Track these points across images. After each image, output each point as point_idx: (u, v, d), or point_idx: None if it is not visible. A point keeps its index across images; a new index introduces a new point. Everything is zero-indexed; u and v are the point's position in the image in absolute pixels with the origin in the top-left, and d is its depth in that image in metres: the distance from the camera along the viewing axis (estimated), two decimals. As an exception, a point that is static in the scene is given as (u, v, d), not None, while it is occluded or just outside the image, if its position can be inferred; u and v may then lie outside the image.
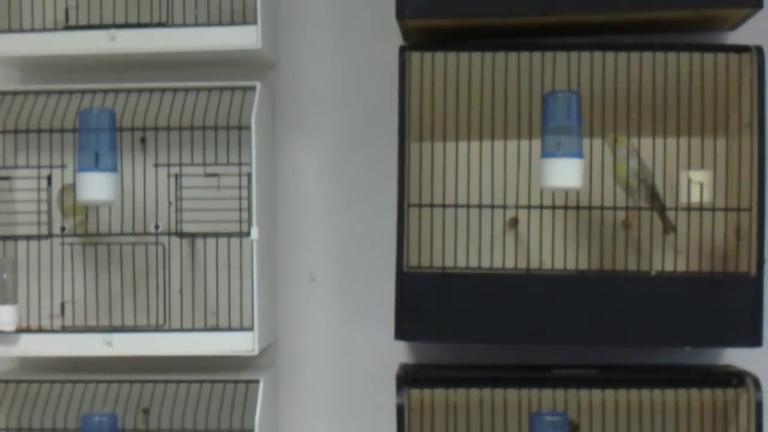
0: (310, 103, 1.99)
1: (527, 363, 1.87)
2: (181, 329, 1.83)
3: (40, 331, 1.83)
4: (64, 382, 1.85)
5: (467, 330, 1.74)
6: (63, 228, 1.85)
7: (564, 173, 1.69)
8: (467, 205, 1.79)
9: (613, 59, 1.74)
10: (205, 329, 1.83)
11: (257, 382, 1.82)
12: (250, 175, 1.79)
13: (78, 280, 1.91)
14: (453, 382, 1.78)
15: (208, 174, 1.83)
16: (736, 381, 1.75)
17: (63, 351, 1.82)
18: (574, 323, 1.72)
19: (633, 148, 1.79)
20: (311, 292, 2.00)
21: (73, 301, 1.90)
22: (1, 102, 1.85)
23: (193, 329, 1.83)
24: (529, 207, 1.78)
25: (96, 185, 1.76)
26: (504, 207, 1.79)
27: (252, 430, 1.79)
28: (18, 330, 1.81)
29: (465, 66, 1.77)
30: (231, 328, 1.83)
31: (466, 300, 1.74)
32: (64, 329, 1.84)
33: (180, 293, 1.91)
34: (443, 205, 1.80)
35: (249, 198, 1.79)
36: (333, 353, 1.99)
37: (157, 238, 1.85)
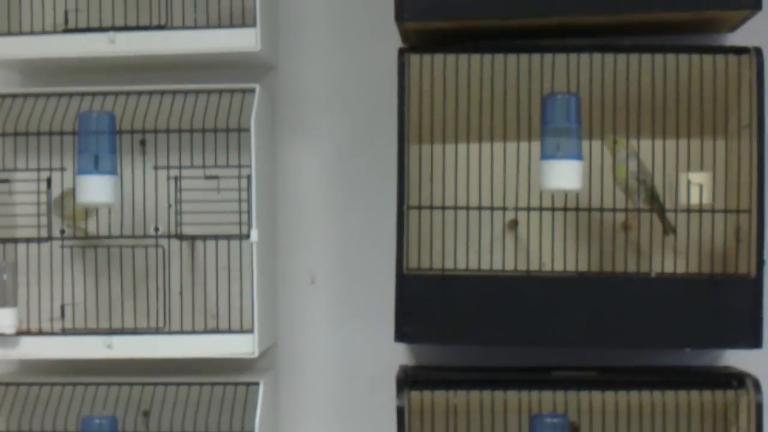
0: (309, 105, 1.99)
1: (527, 365, 1.87)
2: (181, 332, 1.83)
3: (40, 334, 1.83)
4: (64, 384, 1.85)
5: (467, 332, 1.74)
6: (63, 231, 1.85)
7: (563, 175, 1.69)
8: (467, 207, 1.79)
9: (613, 61, 1.74)
10: (205, 331, 1.83)
11: (257, 384, 1.82)
12: (249, 178, 1.79)
13: (78, 282, 1.91)
14: (453, 383, 1.78)
15: (207, 176, 1.82)
16: (736, 382, 1.75)
17: (63, 354, 1.81)
18: (573, 325, 1.72)
19: (632, 149, 1.79)
20: (311, 294, 2.00)
21: (73, 304, 1.90)
22: (1, 105, 1.85)
23: (193, 332, 1.83)
24: (529, 209, 1.78)
25: (96, 188, 1.76)
26: (503, 209, 1.79)
27: (252, 432, 1.80)
28: (18, 333, 1.81)
29: (464, 68, 1.77)
30: (231, 330, 1.84)
31: (465, 302, 1.74)
32: (64, 332, 1.84)
33: (180, 296, 1.91)
34: (443, 207, 1.80)
35: (249, 200, 1.79)
36: (333, 355, 1.99)
37: (157, 240, 1.84)
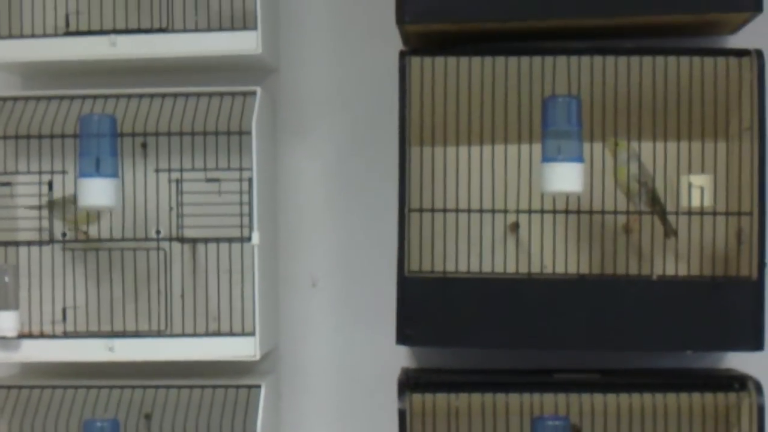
0: (310, 108, 1.99)
1: (529, 367, 1.87)
2: (183, 334, 1.83)
3: (41, 337, 1.83)
4: (65, 387, 1.85)
5: (468, 334, 1.74)
6: (64, 234, 1.85)
7: (564, 177, 1.69)
8: (468, 210, 1.79)
9: (613, 63, 1.74)
10: (207, 334, 1.83)
11: (259, 387, 1.82)
12: (251, 180, 1.79)
13: (79, 285, 1.91)
14: (455, 386, 1.78)
15: (209, 179, 1.82)
16: (737, 385, 1.75)
17: (64, 357, 1.82)
18: (575, 327, 1.72)
19: (633, 152, 1.79)
20: (312, 296, 2.00)
21: (75, 307, 1.90)
22: (2, 108, 1.85)
23: (195, 334, 1.83)
24: (530, 211, 1.79)
25: (97, 191, 1.76)
26: (505, 211, 1.79)
27: (253, 435, 1.80)
28: (20, 336, 1.81)
29: (465, 70, 1.77)
30: (232, 333, 1.83)
31: (467, 304, 1.74)
32: (65, 335, 1.84)
33: (181, 298, 1.91)
34: (444, 210, 1.80)
35: (250, 203, 1.79)
36: (334, 358, 1.99)
37: (159, 243, 1.84)
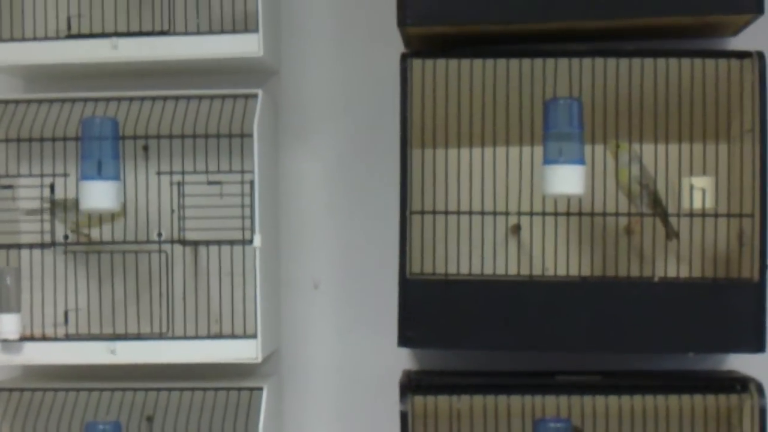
0: (312, 111, 1.99)
1: (530, 369, 1.87)
2: (185, 337, 1.84)
3: (43, 340, 1.83)
4: (67, 390, 1.85)
5: (470, 336, 1.74)
6: (66, 236, 1.85)
7: (566, 180, 1.69)
8: (470, 212, 1.79)
9: (615, 65, 1.74)
10: (209, 337, 1.83)
11: (261, 389, 1.82)
12: (252, 183, 1.79)
13: (81, 288, 1.91)
14: (456, 388, 1.78)
15: (210, 182, 1.82)
16: (739, 387, 1.75)
17: (66, 359, 1.82)
18: (577, 330, 1.72)
19: (635, 154, 1.79)
20: (314, 299, 2.00)
21: (77, 310, 1.91)
22: (4, 110, 1.85)
23: (197, 337, 1.83)
24: (532, 213, 1.79)
25: (99, 194, 1.76)
26: (506, 214, 1.79)
27: (255, 437, 1.80)
28: (22, 338, 1.81)
29: (466, 73, 1.77)
30: (234, 335, 1.84)
31: (469, 307, 1.74)
32: (67, 337, 1.84)
33: (183, 301, 1.92)
34: (446, 212, 1.80)
35: (251, 205, 1.79)
36: (336, 360, 1.99)
37: (160, 246, 1.84)
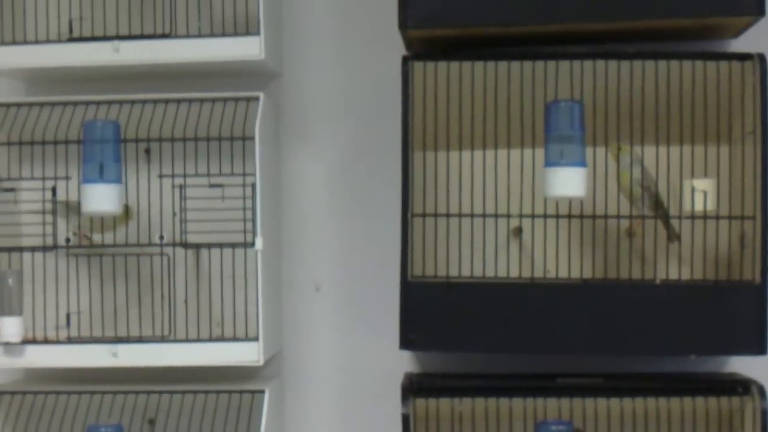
0: (313, 113, 1.99)
1: (532, 372, 1.87)
2: (187, 340, 1.84)
3: (45, 343, 1.83)
4: (69, 393, 1.85)
5: (472, 339, 1.74)
6: (68, 239, 1.85)
7: (567, 182, 1.69)
8: (471, 215, 1.79)
9: (616, 68, 1.74)
10: (210, 339, 1.83)
11: (262, 392, 1.82)
12: (254, 186, 1.79)
13: (83, 291, 1.91)
14: (458, 391, 1.78)
15: (212, 184, 1.83)
16: (741, 389, 1.75)
17: (68, 362, 1.82)
18: (578, 332, 1.72)
19: (636, 156, 1.79)
20: (316, 301, 2.00)
21: (79, 312, 1.91)
22: (6, 114, 1.85)
23: (199, 340, 1.83)
24: (533, 216, 1.79)
25: (101, 197, 1.76)
26: (508, 216, 1.79)
27: (257, 440, 1.80)
28: (23, 341, 1.82)
29: (468, 75, 1.77)
30: (236, 338, 1.84)
31: (470, 309, 1.74)
32: (69, 340, 1.85)
33: (185, 304, 1.92)
34: (447, 215, 1.80)
35: (253, 208, 1.79)
36: (338, 363, 1.99)
37: (162, 248, 1.85)
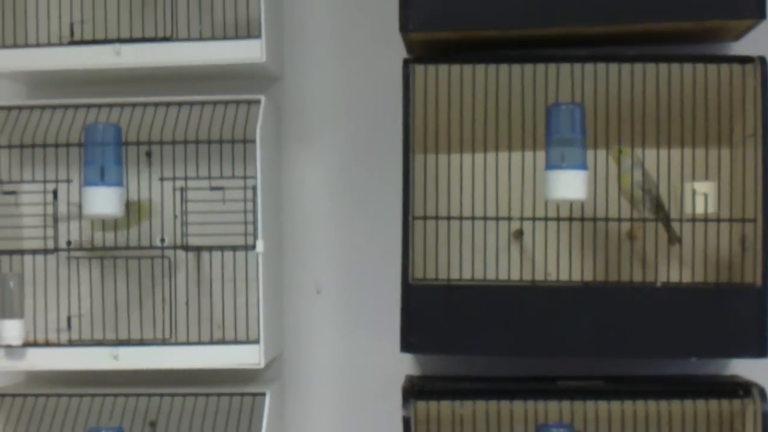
0: (314, 116, 2.00)
1: (533, 374, 1.87)
2: (188, 342, 1.83)
3: (46, 345, 1.83)
4: (70, 395, 1.85)
5: (473, 341, 1.74)
6: (69, 242, 1.85)
7: (568, 185, 1.69)
8: (472, 217, 1.79)
9: (617, 71, 1.75)
10: (211, 342, 1.83)
11: (263, 394, 1.82)
12: (255, 188, 1.79)
13: (84, 293, 1.91)
14: (459, 393, 1.78)
15: (213, 187, 1.83)
16: (742, 392, 1.75)
17: (69, 365, 1.82)
18: (579, 335, 1.72)
19: (637, 159, 1.79)
20: (317, 304, 2.00)
21: (80, 315, 1.91)
22: (7, 117, 1.85)
23: (200, 342, 1.83)
24: (534, 218, 1.79)
25: (102, 200, 1.76)
26: (509, 219, 1.79)
27: (258, 442, 1.80)
28: (24, 344, 1.82)
29: (469, 78, 1.77)
30: (237, 341, 1.84)
31: (471, 312, 1.74)
32: (70, 343, 1.85)
33: (186, 306, 1.92)
34: (448, 217, 1.80)
35: (254, 211, 1.79)
36: (339, 365, 1.99)
37: (163, 251, 1.85)
